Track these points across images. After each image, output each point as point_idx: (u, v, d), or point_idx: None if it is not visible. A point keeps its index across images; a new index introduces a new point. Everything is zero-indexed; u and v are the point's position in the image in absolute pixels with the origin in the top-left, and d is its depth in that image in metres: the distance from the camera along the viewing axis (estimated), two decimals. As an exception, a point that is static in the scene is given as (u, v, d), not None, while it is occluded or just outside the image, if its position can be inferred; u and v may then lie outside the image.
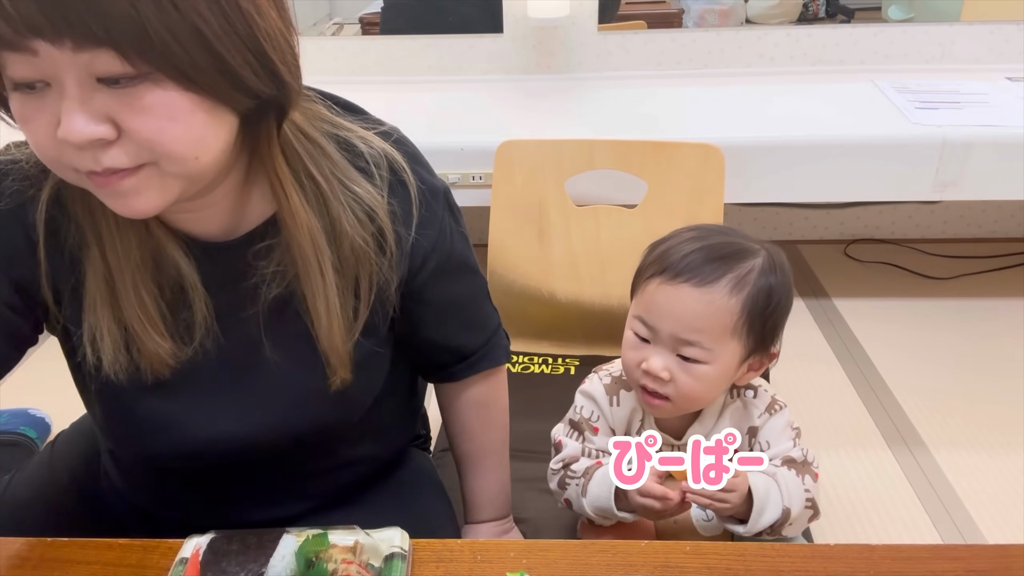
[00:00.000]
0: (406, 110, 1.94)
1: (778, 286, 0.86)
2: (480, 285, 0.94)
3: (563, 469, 0.94)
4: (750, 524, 0.84)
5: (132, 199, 0.63)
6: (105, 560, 0.72)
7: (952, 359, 1.90)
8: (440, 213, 0.84)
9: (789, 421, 0.92)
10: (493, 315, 0.97)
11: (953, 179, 1.73)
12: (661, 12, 2.13)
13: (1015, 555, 0.70)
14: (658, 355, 0.85)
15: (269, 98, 0.65)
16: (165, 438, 0.79)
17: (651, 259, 0.88)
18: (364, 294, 0.78)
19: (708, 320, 0.82)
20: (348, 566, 0.66)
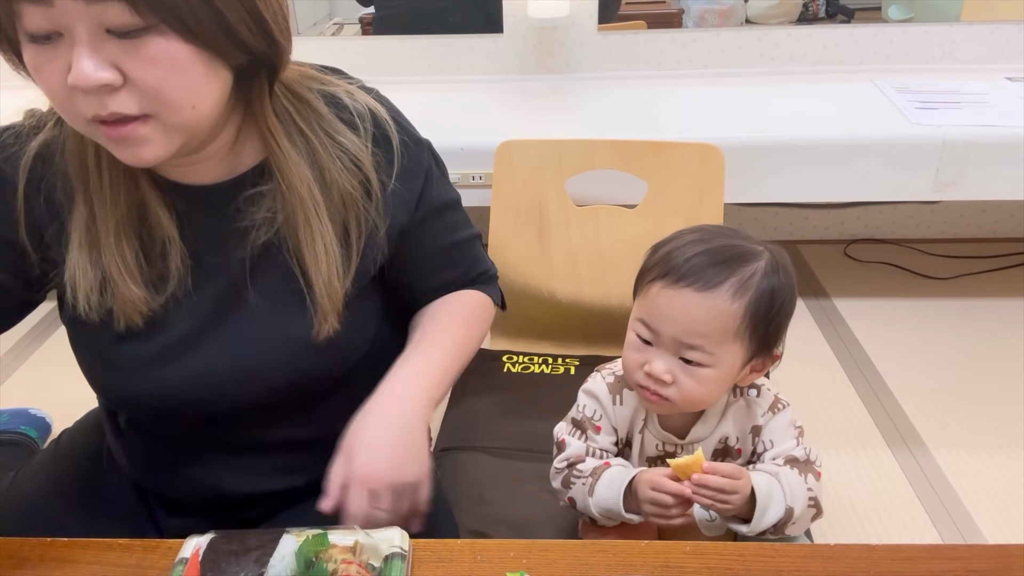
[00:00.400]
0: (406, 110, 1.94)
1: (781, 288, 0.85)
2: (469, 233, 0.98)
3: (568, 468, 0.94)
4: (753, 523, 0.84)
5: (138, 148, 0.68)
6: (105, 560, 0.72)
7: (952, 359, 1.90)
8: (425, 162, 0.90)
9: (792, 420, 0.92)
10: (485, 261, 1.01)
11: (953, 179, 1.73)
12: (661, 12, 2.13)
13: (1015, 555, 0.70)
14: (660, 358, 0.85)
15: (261, 55, 0.72)
16: (140, 378, 0.82)
17: (654, 261, 0.87)
18: (354, 240, 0.82)
19: (710, 324, 0.82)
20: (348, 566, 0.66)
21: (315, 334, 0.81)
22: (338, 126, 0.82)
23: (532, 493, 1.15)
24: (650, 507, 0.85)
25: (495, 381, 1.46)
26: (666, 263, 0.85)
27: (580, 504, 0.92)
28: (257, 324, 0.81)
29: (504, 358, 1.52)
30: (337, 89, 0.84)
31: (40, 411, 1.73)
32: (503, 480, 1.20)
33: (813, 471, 0.89)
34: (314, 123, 0.80)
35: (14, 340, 2.05)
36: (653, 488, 0.84)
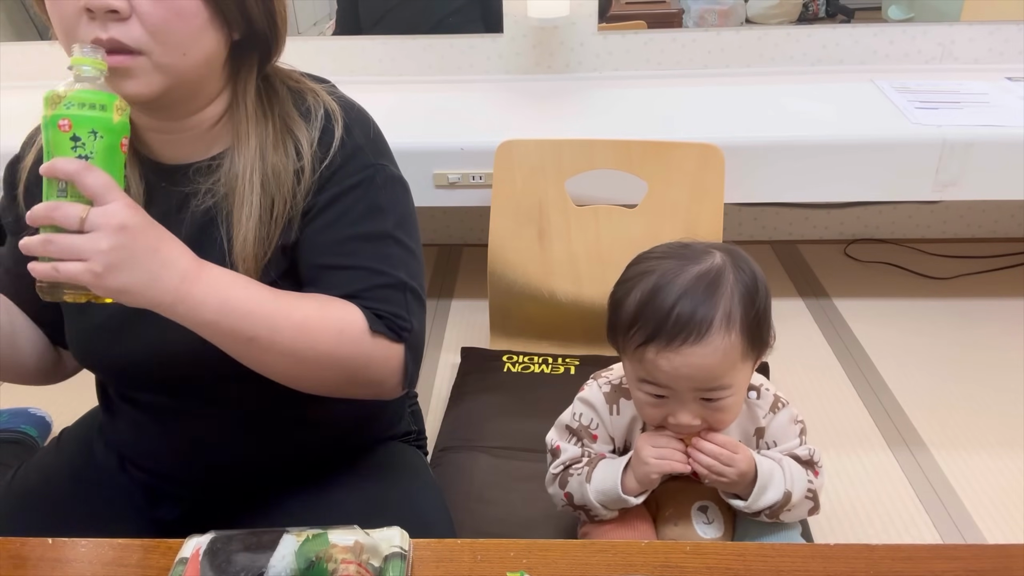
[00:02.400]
0: (406, 110, 1.95)
1: (752, 285, 0.83)
2: (377, 267, 0.85)
3: (563, 470, 0.94)
4: (751, 500, 0.86)
5: (123, 80, 0.74)
6: (105, 560, 0.72)
7: (952, 359, 1.90)
8: (358, 168, 0.86)
9: (793, 416, 0.93)
10: (396, 305, 0.85)
11: (953, 179, 1.73)
12: (661, 12, 2.13)
13: (1015, 555, 0.70)
14: (683, 410, 0.85)
15: (259, 34, 0.79)
16: (102, 342, 0.88)
17: (629, 319, 0.83)
18: (277, 213, 0.84)
19: (720, 366, 0.82)
20: (348, 566, 0.66)
21: None
22: (293, 114, 0.86)
23: (532, 493, 1.15)
24: (648, 450, 0.86)
25: (495, 381, 1.46)
26: (647, 323, 0.82)
27: (578, 496, 0.92)
28: None
29: (504, 358, 1.52)
30: (305, 89, 0.89)
31: (40, 410, 1.73)
32: (503, 480, 1.20)
33: (813, 469, 0.91)
34: (276, 106, 0.86)
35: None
36: (651, 434, 0.87)
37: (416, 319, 0.86)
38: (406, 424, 1.10)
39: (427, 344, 2.15)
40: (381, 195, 0.87)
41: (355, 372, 0.82)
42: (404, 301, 0.85)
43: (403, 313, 0.84)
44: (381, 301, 0.83)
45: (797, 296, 2.14)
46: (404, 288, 0.86)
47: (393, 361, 0.84)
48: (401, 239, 0.88)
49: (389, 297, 0.84)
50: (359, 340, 0.81)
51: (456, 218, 2.45)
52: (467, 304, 2.18)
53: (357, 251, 0.85)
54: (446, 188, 1.77)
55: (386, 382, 0.85)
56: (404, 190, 0.91)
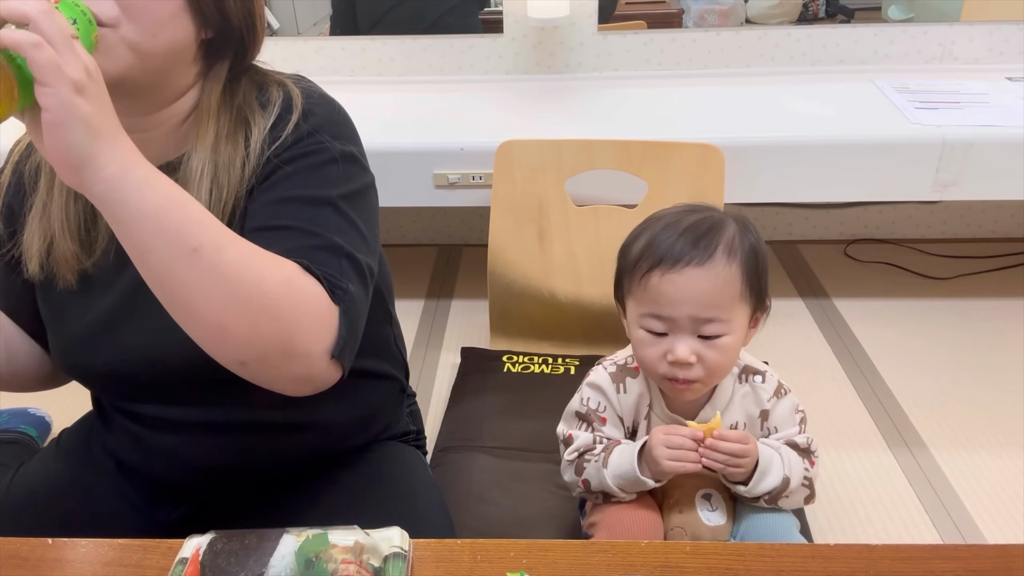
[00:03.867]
0: (406, 110, 1.94)
1: (757, 242, 0.90)
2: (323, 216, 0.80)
3: (578, 457, 0.96)
4: (751, 485, 0.90)
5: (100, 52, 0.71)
6: (105, 560, 0.72)
7: (952, 359, 1.90)
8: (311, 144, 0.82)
9: (795, 404, 0.96)
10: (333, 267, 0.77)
11: (953, 179, 1.73)
12: (661, 12, 2.13)
13: (1015, 555, 0.70)
14: (681, 342, 0.87)
15: (235, 33, 0.79)
16: (84, 357, 0.87)
17: (637, 255, 0.90)
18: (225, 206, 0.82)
19: (719, 293, 0.85)
20: (348, 566, 0.66)
21: None
22: (253, 105, 0.84)
23: (532, 493, 1.15)
24: (663, 451, 0.88)
25: (495, 381, 1.46)
26: (653, 253, 0.87)
27: (595, 481, 0.94)
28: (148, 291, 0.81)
29: (504, 358, 1.52)
30: (271, 80, 0.87)
31: (39, 410, 1.73)
32: (503, 480, 1.20)
33: (809, 459, 0.95)
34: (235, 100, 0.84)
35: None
36: (667, 433, 0.89)
37: (353, 285, 0.78)
38: (404, 424, 1.09)
39: (427, 344, 2.16)
40: (331, 168, 0.82)
41: (289, 328, 0.72)
42: (339, 266, 0.77)
43: (337, 275, 0.76)
44: (315, 262, 0.76)
45: (797, 296, 2.14)
46: (340, 252, 0.78)
47: (326, 321, 0.74)
48: (344, 210, 0.81)
49: (323, 260, 0.77)
50: (298, 287, 0.73)
51: (456, 218, 2.45)
52: (467, 304, 2.18)
53: (293, 213, 0.79)
54: (446, 188, 1.77)
55: (315, 348, 0.73)
56: (363, 172, 0.87)
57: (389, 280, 1.05)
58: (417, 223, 2.47)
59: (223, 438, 0.90)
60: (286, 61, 2.14)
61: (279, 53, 2.14)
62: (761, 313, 0.92)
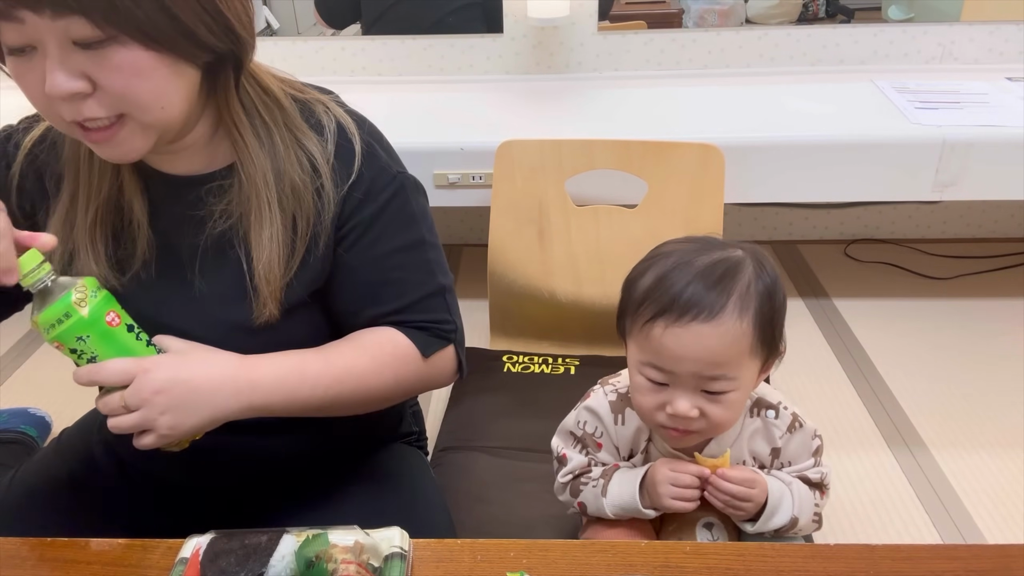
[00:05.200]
0: (406, 110, 1.94)
1: (771, 285, 0.82)
2: (419, 278, 0.91)
3: (573, 479, 0.93)
4: (759, 523, 0.85)
5: (116, 148, 0.74)
6: (105, 560, 0.72)
7: (952, 359, 1.90)
8: (386, 192, 0.88)
9: (811, 434, 0.91)
10: (439, 311, 0.92)
11: (953, 179, 1.73)
12: (661, 12, 2.13)
13: (1015, 555, 0.70)
14: (682, 398, 0.81)
15: (225, 52, 0.76)
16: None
17: (641, 297, 0.82)
18: (301, 231, 0.83)
19: (727, 351, 0.79)
20: (348, 566, 0.66)
21: (254, 318, 0.83)
22: (303, 127, 0.84)
23: (532, 493, 1.14)
24: (667, 488, 0.84)
25: (495, 381, 1.46)
26: (659, 299, 0.80)
27: (592, 507, 0.91)
28: (201, 310, 0.85)
29: (504, 358, 1.52)
30: (313, 101, 0.87)
31: (39, 410, 1.73)
32: (503, 480, 1.20)
33: (821, 491, 0.90)
34: (278, 117, 0.83)
35: (14, 340, 2.05)
36: (672, 469, 0.85)
37: (457, 316, 0.94)
38: (407, 425, 1.10)
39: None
40: (411, 203, 0.90)
41: (417, 389, 0.94)
42: (445, 304, 0.93)
43: (447, 316, 0.92)
44: (426, 311, 0.90)
45: (797, 296, 2.14)
46: (443, 292, 0.92)
47: (446, 364, 0.93)
48: (433, 241, 0.93)
49: (433, 305, 0.91)
50: (414, 367, 0.89)
51: (456, 218, 2.45)
52: (467, 304, 2.16)
53: (400, 265, 0.89)
54: (446, 188, 1.77)
55: (445, 382, 0.95)
56: (424, 192, 0.95)
57: None
58: (417, 223, 2.46)
59: (230, 438, 0.90)
60: (286, 61, 2.14)
61: (279, 53, 2.14)
62: (774, 359, 0.85)
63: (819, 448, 0.91)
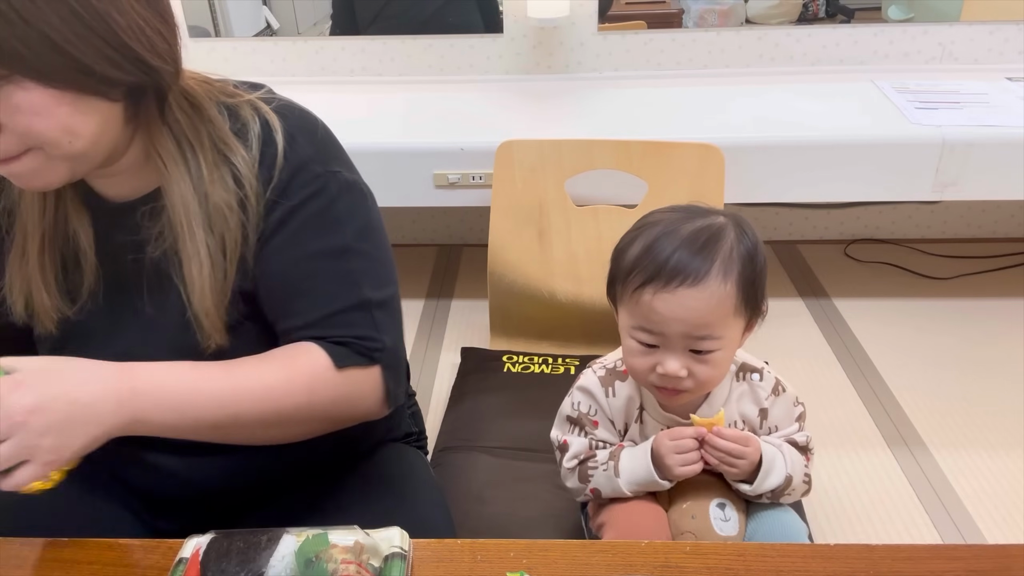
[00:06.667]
0: (406, 110, 1.94)
1: (752, 248, 0.87)
2: (345, 270, 0.83)
3: (579, 464, 0.96)
4: (756, 484, 0.90)
5: (28, 179, 0.73)
6: (105, 560, 0.72)
7: (952, 359, 1.90)
8: (308, 180, 0.82)
9: (793, 400, 0.96)
10: (361, 327, 0.82)
11: (953, 179, 1.73)
12: (661, 12, 2.13)
13: (1015, 555, 0.70)
14: (671, 358, 0.86)
15: (141, 83, 0.73)
16: None
17: (630, 265, 0.87)
18: (230, 252, 0.81)
19: (713, 313, 0.84)
20: (348, 566, 0.66)
21: (203, 348, 0.82)
22: (229, 139, 0.81)
23: (532, 493, 1.15)
24: (673, 456, 0.88)
25: (495, 381, 1.46)
26: (647, 266, 0.85)
27: (607, 489, 0.94)
28: (152, 338, 0.83)
29: (504, 358, 1.52)
30: (241, 102, 0.83)
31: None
32: (503, 480, 1.20)
33: (806, 455, 0.96)
34: (205, 137, 0.80)
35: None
36: (673, 438, 0.89)
37: (388, 335, 0.83)
38: (406, 426, 1.09)
39: (427, 344, 2.16)
40: (336, 205, 0.83)
41: (333, 413, 0.82)
42: (371, 320, 0.82)
43: (371, 334, 0.82)
44: (346, 326, 0.81)
45: (797, 296, 2.14)
46: (368, 306, 0.82)
47: (369, 386, 0.83)
48: (362, 249, 0.84)
49: (354, 320, 0.82)
50: (330, 383, 0.80)
51: (456, 218, 2.45)
52: (467, 304, 2.18)
53: (316, 272, 0.82)
54: (446, 188, 1.77)
55: (368, 409, 0.84)
56: (362, 195, 0.87)
57: None
58: (417, 223, 2.47)
59: (223, 458, 0.88)
60: (286, 61, 2.14)
61: (279, 53, 2.14)
62: (757, 319, 0.90)
63: (802, 414, 0.97)
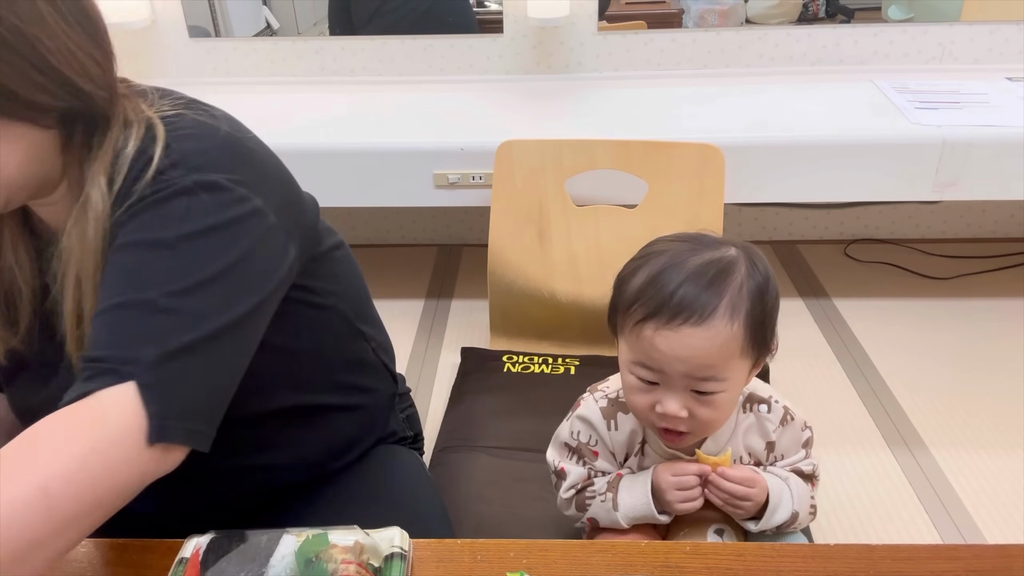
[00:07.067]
0: (406, 110, 1.94)
1: (764, 284, 0.81)
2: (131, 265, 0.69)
3: (577, 494, 0.93)
4: (763, 522, 0.86)
5: None
6: (105, 560, 0.72)
7: (952, 359, 1.90)
8: (150, 189, 0.70)
9: (801, 425, 0.92)
10: (109, 342, 0.66)
11: (953, 179, 1.73)
12: (661, 12, 2.13)
13: (1015, 555, 0.70)
14: (672, 398, 0.81)
15: (72, 109, 0.70)
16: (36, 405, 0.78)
17: (633, 297, 0.82)
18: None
19: (717, 354, 0.79)
20: (348, 566, 0.66)
21: None
22: (121, 164, 0.72)
23: (532, 493, 1.15)
24: (674, 493, 0.85)
25: (495, 381, 1.46)
26: (650, 300, 0.79)
27: (605, 520, 0.91)
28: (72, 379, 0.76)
29: (504, 358, 1.52)
30: (140, 120, 0.74)
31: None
32: (503, 480, 1.20)
33: (812, 482, 0.92)
34: (100, 165, 0.72)
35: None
36: (675, 474, 0.86)
37: (154, 347, 0.65)
38: (402, 430, 1.08)
39: (427, 344, 2.16)
40: (177, 203, 0.69)
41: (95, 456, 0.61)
42: (142, 327, 0.66)
43: (138, 342, 0.65)
44: (112, 329, 0.66)
45: (797, 296, 2.14)
46: (151, 309, 0.66)
47: (117, 422, 0.62)
48: (186, 250, 0.68)
49: (120, 324, 0.66)
50: (48, 446, 0.60)
51: (456, 218, 2.45)
52: (467, 304, 2.18)
53: (121, 265, 0.69)
54: (446, 188, 1.77)
55: (120, 453, 0.62)
56: (234, 201, 0.71)
57: (357, 293, 0.98)
58: (417, 223, 2.47)
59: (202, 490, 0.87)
60: (286, 61, 2.14)
61: (279, 53, 2.14)
62: (765, 357, 0.85)
63: (809, 440, 0.92)
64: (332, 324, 0.92)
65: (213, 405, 0.69)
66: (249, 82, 2.16)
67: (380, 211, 2.43)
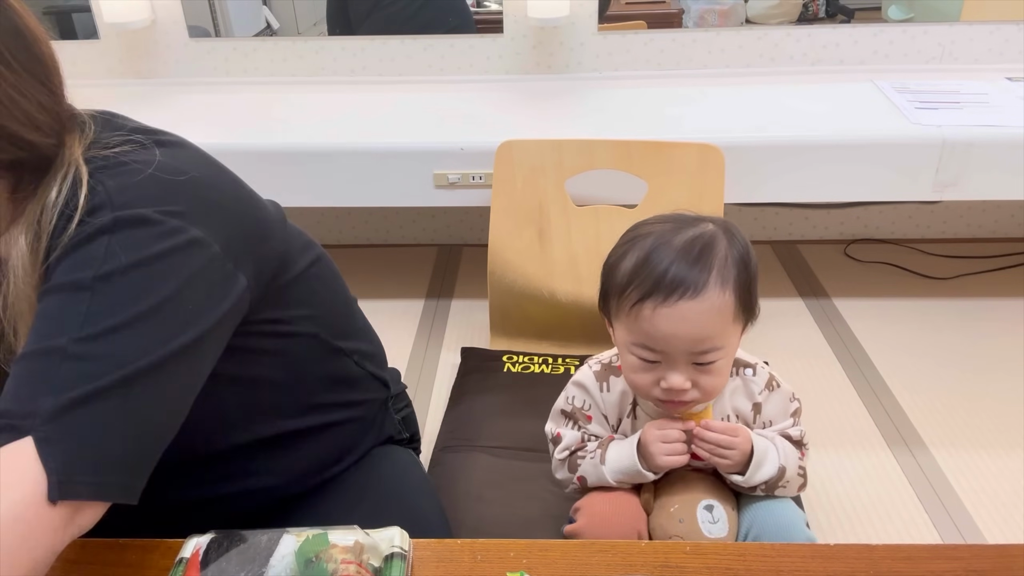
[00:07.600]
0: (406, 110, 1.94)
1: (745, 252, 0.87)
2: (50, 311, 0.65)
3: (570, 455, 0.96)
4: (748, 475, 0.89)
5: None
6: (105, 560, 0.72)
7: (952, 359, 1.90)
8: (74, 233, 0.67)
9: (788, 395, 0.96)
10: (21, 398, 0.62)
11: (953, 179, 1.73)
12: (661, 12, 2.13)
13: (1015, 555, 0.70)
14: (675, 373, 0.85)
15: (17, 159, 0.68)
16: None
17: (624, 281, 0.85)
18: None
19: (714, 323, 0.83)
20: (348, 566, 0.66)
21: None
22: (47, 217, 0.69)
23: (532, 493, 1.15)
24: (658, 445, 0.88)
25: (495, 381, 1.46)
26: (644, 280, 0.83)
27: (593, 477, 0.94)
28: None
29: (504, 358, 1.52)
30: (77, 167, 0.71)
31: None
32: (502, 480, 1.20)
33: (801, 450, 0.95)
34: (25, 220, 0.70)
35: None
36: (659, 428, 0.89)
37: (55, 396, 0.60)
38: (399, 433, 1.08)
39: (427, 344, 2.16)
40: (98, 242, 0.66)
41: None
42: (47, 374, 0.62)
43: (42, 392, 0.61)
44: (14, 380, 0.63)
45: (797, 296, 2.14)
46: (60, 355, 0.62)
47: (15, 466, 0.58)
48: (104, 290, 0.64)
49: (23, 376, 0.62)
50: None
51: (456, 218, 2.45)
52: (467, 304, 2.18)
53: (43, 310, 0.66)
54: (446, 188, 1.77)
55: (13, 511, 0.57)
56: (162, 234, 0.67)
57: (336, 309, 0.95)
58: (417, 223, 2.47)
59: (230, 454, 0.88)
60: (286, 61, 2.14)
61: (279, 53, 2.14)
62: (751, 321, 0.89)
63: (797, 410, 0.96)
64: (306, 350, 0.89)
65: (135, 452, 0.64)
66: (249, 82, 2.16)
67: (380, 211, 2.43)
